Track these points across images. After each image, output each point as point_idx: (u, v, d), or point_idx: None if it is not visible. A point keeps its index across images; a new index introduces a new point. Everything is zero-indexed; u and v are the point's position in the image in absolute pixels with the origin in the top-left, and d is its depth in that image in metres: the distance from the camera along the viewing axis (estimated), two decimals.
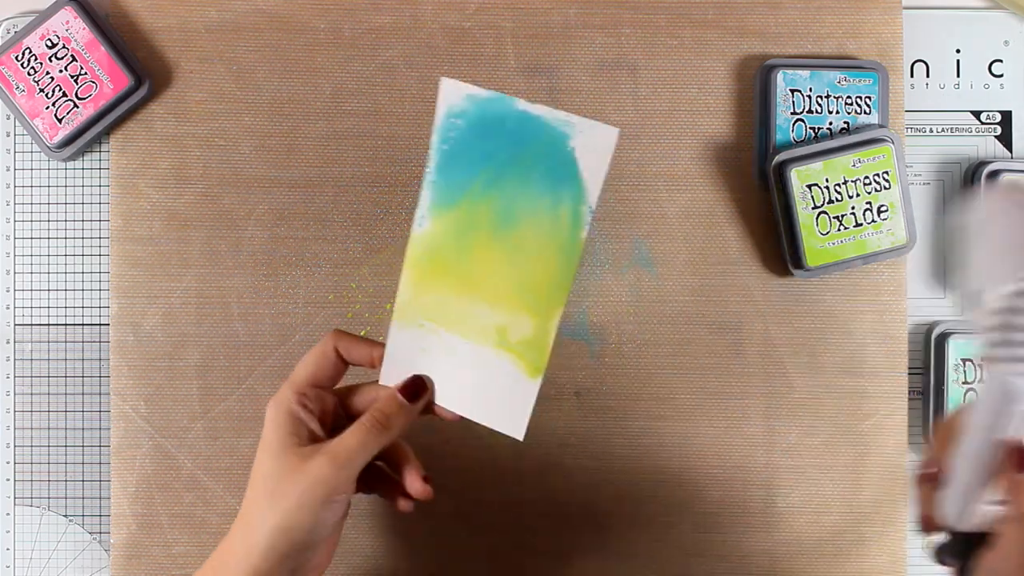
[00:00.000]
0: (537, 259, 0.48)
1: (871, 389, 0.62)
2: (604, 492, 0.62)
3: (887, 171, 0.60)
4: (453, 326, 0.49)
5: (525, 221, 0.48)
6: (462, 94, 0.47)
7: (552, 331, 0.48)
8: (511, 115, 0.47)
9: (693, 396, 0.62)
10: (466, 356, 0.49)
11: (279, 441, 0.48)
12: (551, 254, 0.48)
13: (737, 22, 0.63)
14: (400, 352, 0.50)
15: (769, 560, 0.62)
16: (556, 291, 0.48)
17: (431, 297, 0.49)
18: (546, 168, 0.47)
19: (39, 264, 0.63)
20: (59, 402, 0.62)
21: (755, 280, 0.63)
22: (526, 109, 0.47)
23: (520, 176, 0.47)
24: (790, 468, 0.62)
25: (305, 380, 0.50)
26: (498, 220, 0.48)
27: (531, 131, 0.47)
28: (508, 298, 0.48)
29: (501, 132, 0.47)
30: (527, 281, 0.48)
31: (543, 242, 0.48)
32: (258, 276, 0.62)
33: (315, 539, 0.48)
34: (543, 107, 0.47)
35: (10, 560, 0.62)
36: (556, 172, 0.47)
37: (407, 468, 0.51)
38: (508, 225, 0.48)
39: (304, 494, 0.47)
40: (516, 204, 0.47)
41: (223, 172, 0.62)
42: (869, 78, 0.61)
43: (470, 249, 0.48)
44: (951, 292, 0.64)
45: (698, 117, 0.63)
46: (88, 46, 0.61)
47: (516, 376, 0.49)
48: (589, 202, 0.47)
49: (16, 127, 0.63)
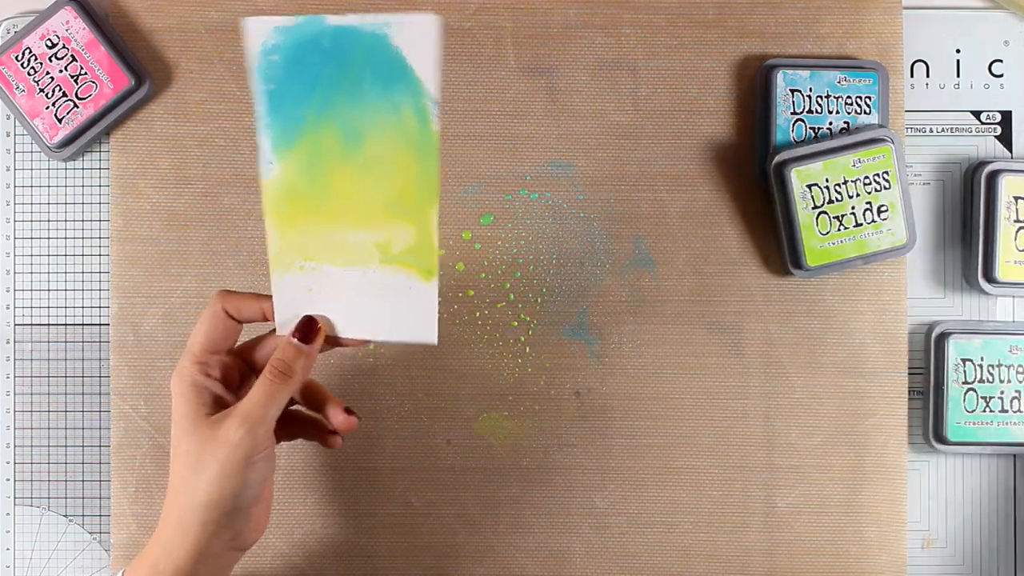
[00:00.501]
0: (395, 167, 0.47)
1: (871, 389, 0.62)
2: (604, 492, 0.62)
3: (887, 171, 0.60)
4: (332, 258, 0.48)
5: (370, 134, 0.46)
6: (269, 28, 0.46)
7: (433, 230, 0.47)
8: (325, 33, 0.45)
9: (693, 396, 0.62)
10: (354, 282, 0.49)
11: (189, 415, 0.48)
12: (407, 157, 0.46)
13: (737, 22, 0.63)
14: (287, 299, 0.49)
15: (769, 560, 0.62)
16: (424, 191, 0.47)
17: (301, 237, 0.48)
18: (375, 75, 0.45)
19: (39, 264, 0.63)
20: (59, 402, 0.62)
21: (755, 280, 0.63)
22: (338, 23, 0.45)
23: (351, 91, 0.46)
24: (790, 468, 0.62)
25: (202, 347, 0.50)
26: (344, 141, 0.46)
27: (349, 43, 0.45)
28: (378, 213, 0.47)
29: (320, 53, 0.45)
30: (392, 191, 0.47)
31: (395, 148, 0.46)
32: (258, 276, 0.62)
33: (246, 503, 0.48)
34: (354, 15, 0.45)
35: (10, 560, 0.62)
36: (386, 75, 0.45)
37: (328, 406, 0.51)
38: (355, 143, 0.46)
39: (225, 462, 0.47)
40: (356, 120, 0.46)
41: (223, 172, 0.62)
42: (869, 78, 0.61)
43: (325, 178, 0.47)
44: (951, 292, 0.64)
45: (698, 117, 0.63)
46: (88, 46, 0.61)
47: (410, 285, 0.48)
48: (430, 94, 0.45)
49: (16, 127, 0.63)
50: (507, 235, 0.63)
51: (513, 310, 0.62)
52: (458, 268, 0.62)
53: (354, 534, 0.62)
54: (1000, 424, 0.61)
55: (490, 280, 0.63)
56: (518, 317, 0.62)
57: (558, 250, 0.63)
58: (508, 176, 0.63)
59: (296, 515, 0.62)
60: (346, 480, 0.62)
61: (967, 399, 0.61)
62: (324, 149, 0.47)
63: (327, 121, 0.47)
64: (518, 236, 0.63)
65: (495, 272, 0.63)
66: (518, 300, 0.62)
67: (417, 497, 0.62)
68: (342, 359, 0.62)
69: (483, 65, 0.63)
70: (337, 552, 0.62)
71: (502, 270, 0.63)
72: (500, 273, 0.63)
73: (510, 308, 0.62)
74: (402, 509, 0.62)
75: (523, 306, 0.62)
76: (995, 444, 0.61)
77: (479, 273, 0.62)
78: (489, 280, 0.63)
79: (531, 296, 0.63)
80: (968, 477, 0.63)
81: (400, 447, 0.62)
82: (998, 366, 0.62)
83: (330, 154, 0.47)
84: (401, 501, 0.62)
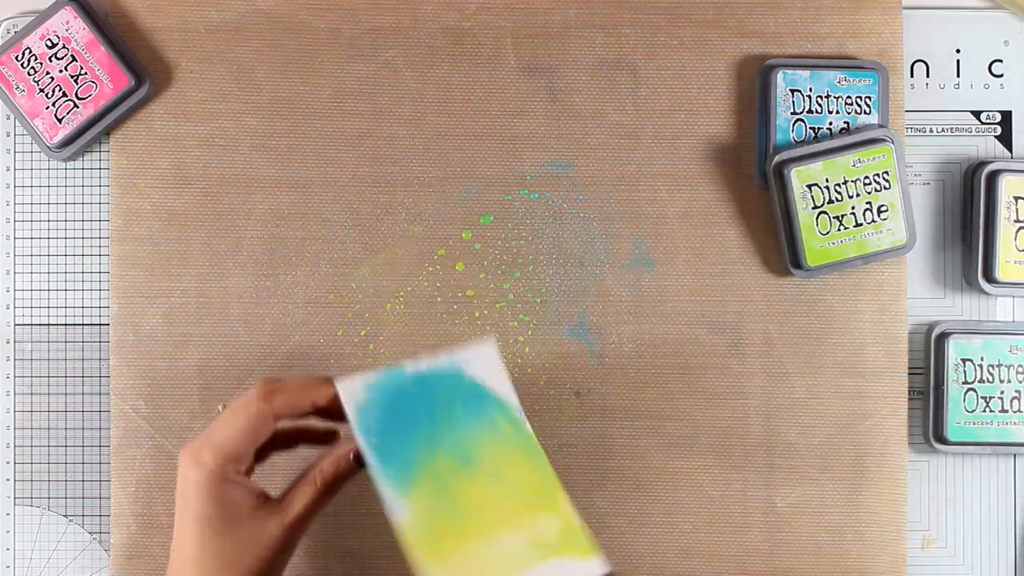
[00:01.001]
0: (513, 470, 0.49)
1: (871, 389, 0.62)
2: (604, 492, 0.62)
3: (887, 171, 0.60)
4: (495, 570, 0.49)
5: (479, 450, 0.49)
6: (357, 388, 0.49)
7: (572, 513, 0.49)
8: (408, 381, 0.50)
9: (693, 396, 0.62)
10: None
11: (222, 521, 0.46)
12: (518, 459, 0.49)
13: (737, 22, 0.63)
14: None
15: (769, 560, 0.62)
16: (547, 481, 0.49)
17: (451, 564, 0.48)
18: (464, 404, 0.50)
19: (39, 264, 0.63)
20: (59, 402, 0.62)
21: (755, 280, 0.63)
22: (415, 370, 0.50)
23: (448, 422, 0.49)
24: (790, 468, 0.62)
25: (238, 453, 0.47)
26: (458, 463, 0.49)
27: (432, 385, 0.50)
28: (515, 516, 0.49)
29: (410, 398, 0.50)
30: (519, 492, 0.49)
31: (506, 455, 0.49)
32: (258, 276, 0.62)
33: None
34: (426, 360, 0.50)
35: (10, 560, 0.62)
36: (472, 402, 0.50)
37: None
38: (468, 461, 0.49)
39: (265, 560, 0.47)
40: (462, 443, 0.49)
41: (223, 172, 0.62)
42: (869, 78, 0.61)
43: (455, 500, 0.49)
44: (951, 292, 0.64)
45: (698, 117, 0.63)
46: (88, 46, 0.61)
47: (574, 567, 0.48)
48: (514, 405, 0.50)
49: (16, 127, 0.63)
50: (507, 235, 0.63)
51: (513, 310, 0.62)
52: (458, 268, 0.62)
53: (354, 534, 0.62)
54: (1000, 424, 0.61)
55: (490, 280, 0.63)
56: (518, 317, 0.62)
57: (558, 250, 0.63)
58: (508, 176, 0.63)
59: None
60: None
61: (967, 399, 0.61)
62: (443, 475, 0.49)
63: (437, 452, 0.49)
64: (518, 236, 0.63)
65: (495, 272, 0.63)
66: (518, 300, 0.62)
67: None
68: (340, 359, 0.62)
69: (483, 65, 0.63)
70: (337, 552, 0.62)
71: (502, 270, 0.63)
72: (500, 273, 0.63)
73: (510, 308, 0.62)
74: None
75: (523, 306, 0.62)
76: (995, 444, 0.61)
77: (479, 273, 0.62)
78: (489, 280, 0.63)
79: (531, 296, 0.62)
80: (968, 477, 0.63)
81: None
82: (998, 366, 0.62)
83: (451, 478, 0.49)
84: None
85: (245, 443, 0.47)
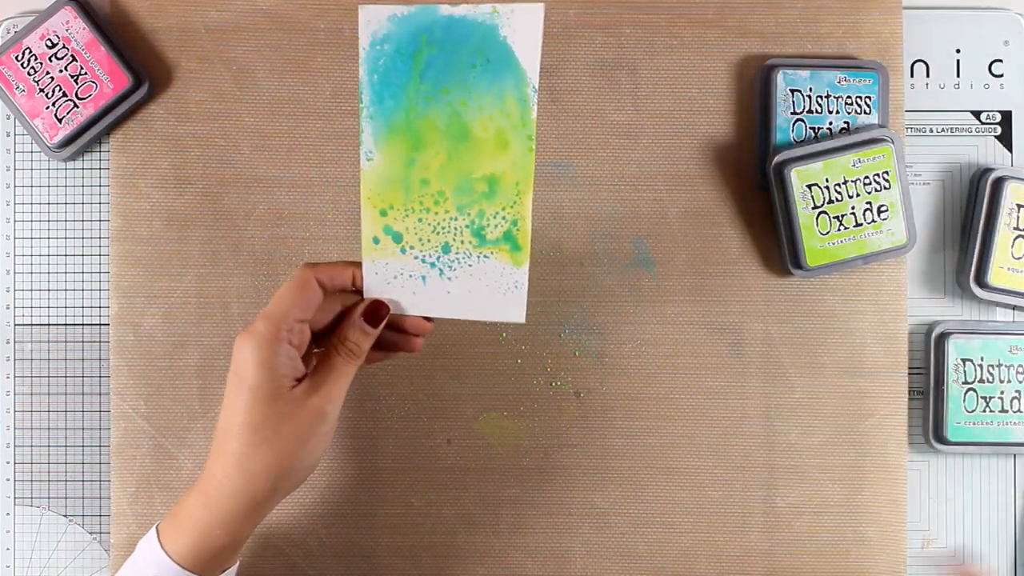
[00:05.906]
0: (494, 154, 0.47)
1: (871, 389, 0.62)
2: (604, 492, 0.62)
3: (887, 171, 0.60)
4: (427, 243, 0.49)
5: (474, 121, 0.47)
6: (383, 17, 0.46)
7: (527, 216, 0.48)
8: (437, 23, 0.46)
9: (693, 396, 0.62)
10: (447, 266, 0.50)
11: (270, 384, 0.48)
12: (506, 145, 0.47)
13: (737, 22, 0.63)
14: (378, 282, 0.50)
15: (769, 560, 0.62)
16: (521, 177, 0.47)
17: (396, 223, 0.49)
18: (484, 64, 0.46)
19: (39, 264, 0.63)
20: (59, 402, 0.62)
21: (755, 280, 0.63)
22: (450, 12, 0.46)
23: (458, 79, 0.46)
24: (790, 468, 0.62)
25: (287, 314, 0.49)
26: (446, 129, 0.47)
27: (461, 33, 0.46)
28: (475, 199, 0.48)
29: (431, 43, 0.46)
30: (490, 177, 0.48)
31: (496, 136, 0.47)
32: (258, 276, 0.62)
33: (309, 473, 0.50)
34: (466, 5, 0.46)
35: (10, 560, 0.62)
36: (493, 65, 0.46)
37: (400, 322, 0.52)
38: (457, 131, 0.47)
39: (307, 435, 0.48)
40: (461, 108, 0.47)
41: (223, 172, 0.62)
42: (869, 78, 0.61)
43: (425, 165, 0.48)
44: (951, 292, 0.64)
45: (698, 117, 0.63)
46: (88, 46, 0.61)
47: (503, 269, 0.49)
48: (532, 82, 0.46)
49: (16, 127, 0.63)
50: None
51: None
52: None
53: (354, 534, 0.62)
54: (1000, 424, 0.61)
55: None
56: None
57: (558, 250, 0.63)
58: None
59: (296, 515, 0.62)
60: (346, 480, 0.62)
61: (967, 399, 0.61)
62: (427, 135, 0.47)
63: (432, 108, 0.47)
64: None
65: None
66: None
67: (417, 497, 0.62)
68: None
69: None
70: (337, 552, 0.62)
71: None
72: None
73: None
74: (402, 509, 0.62)
75: None
76: (995, 444, 0.61)
77: None
78: None
79: (531, 296, 0.62)
80: (968, 477, 0.63)
81: (400, 447, 0.62)
82: (998, 366, 0.62)
83: (430, 143, 0.47)
84: (401, 501, 0.62)
85: (293, 306, 0.49)
